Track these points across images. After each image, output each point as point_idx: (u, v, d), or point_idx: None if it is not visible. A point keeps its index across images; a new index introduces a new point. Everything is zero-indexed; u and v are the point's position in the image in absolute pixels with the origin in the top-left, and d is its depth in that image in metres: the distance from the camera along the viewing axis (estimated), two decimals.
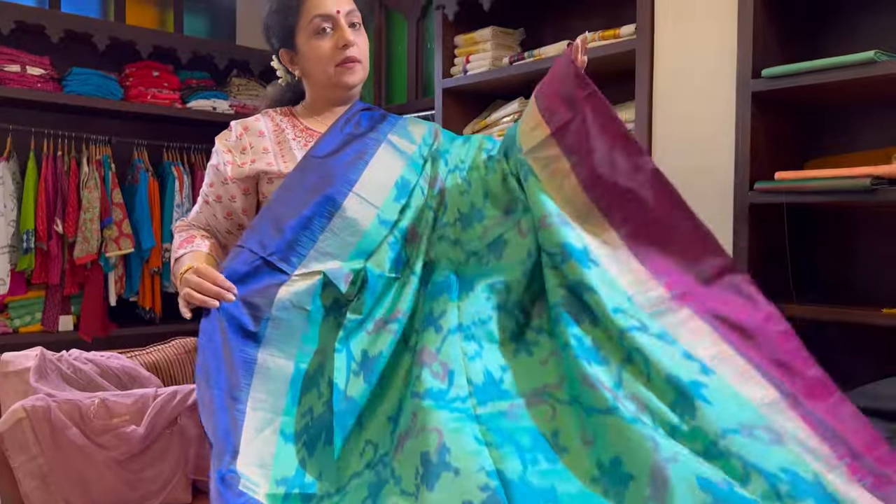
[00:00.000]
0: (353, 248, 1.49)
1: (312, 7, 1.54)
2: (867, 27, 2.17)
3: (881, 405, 1.58)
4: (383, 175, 1.55)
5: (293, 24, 1.57)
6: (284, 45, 1.61)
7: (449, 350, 1.31)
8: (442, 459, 1.10)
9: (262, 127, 1.62)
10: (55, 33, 3.44)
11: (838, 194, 1.93)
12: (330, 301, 1.42)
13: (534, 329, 1.38)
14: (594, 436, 1.15)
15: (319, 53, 1.56)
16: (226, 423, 1.26)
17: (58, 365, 1.88)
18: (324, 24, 1.54)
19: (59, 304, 3.50)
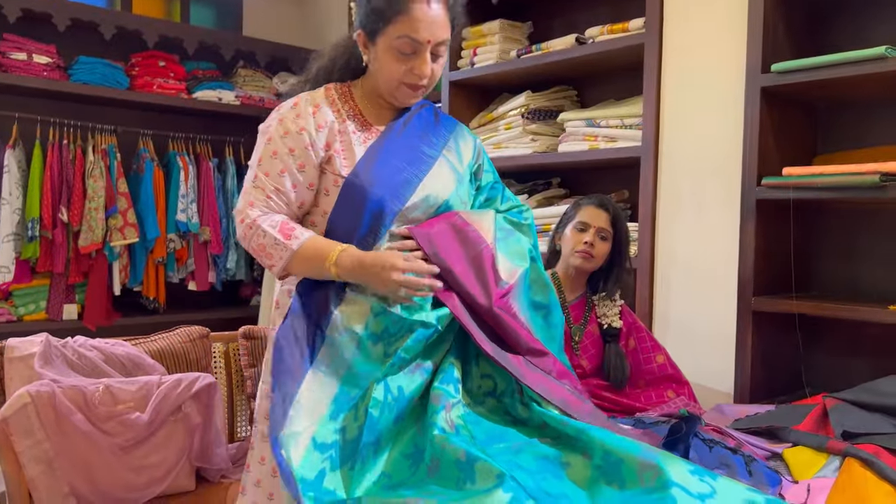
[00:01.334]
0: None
1: (408, 26, 1.42)
2: (878, 22, 2.16)
3: (884, 401, 1.58)
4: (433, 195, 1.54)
5: (385, 24, 1.44)
6: (366, 30, 1.49)
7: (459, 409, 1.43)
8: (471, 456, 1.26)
9: (328, 116, 1.51)
10: (62, 22, 3.44)
11: (847, 190, 1.92)
12: (380, 329, 1.45)
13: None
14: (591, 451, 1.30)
15: (391, 69, 1.47)
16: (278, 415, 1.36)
17: (63, 351, 1.88)
18: (407, 48, 1.44)
19: (63, 293, 3.50)
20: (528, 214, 1.68)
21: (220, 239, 3.88)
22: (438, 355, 1.50)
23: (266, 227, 1.42)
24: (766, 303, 2.11)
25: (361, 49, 1.53)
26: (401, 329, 1.44)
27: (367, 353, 1.42)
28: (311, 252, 1.41)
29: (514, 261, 1.58)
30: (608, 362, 2.04)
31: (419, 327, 1.44)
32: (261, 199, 1.46)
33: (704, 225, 2.35)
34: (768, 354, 2.19)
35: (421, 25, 1.42)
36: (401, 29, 1.43)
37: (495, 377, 1.53)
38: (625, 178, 2.71)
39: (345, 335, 1.41)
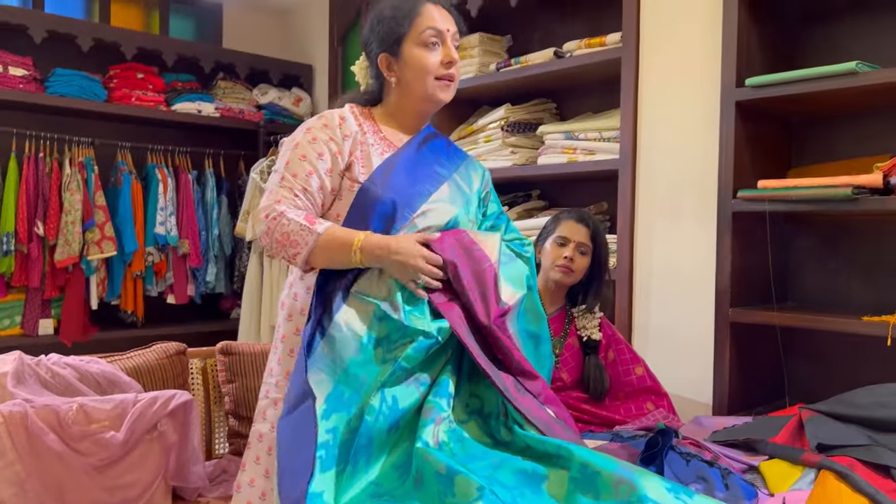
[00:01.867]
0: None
1: (427, 19, 1.59)
2: (849, 38, 2.19)
3: (859, 413, 1.59)
4: (442, 212, 1.61)
5: (405, 32, 1.59)
6: (388, 49, 1.61)
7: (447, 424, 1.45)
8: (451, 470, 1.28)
9: (352, 127, 1.60)
10: (38, 34, 3.41)
11: (820, 203, 1.95)
12: (383, 334, 1.47)
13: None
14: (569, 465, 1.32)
15: (425, 63, 1.59)
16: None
17: (36, 370, 1.85)
18: (434, 37, 1.59)
19: (39, 308, 3.46)
20: (529, 248, 1.75)
21: (199, 252, 3.85)
22: (436, 368, 1.51)
23: (291, 216, 1.46)
24: (743, 314, 2.13)
25: (385, 72, 1.63)
26: (402, 336, 1.45)
27: (365, 356, 1.43)
28: (335, 236, 1.45)
29: (514, 286, 1.63)
30: (588, 375, 2.05)
31: (420, 336, 1.45)
32: (288, 197, 1.50)
33: (682, 237, 2.37)
34: (746, 365, 2.20)
35: (437, 16, 1.60)
36: (423, 23, 1.58)
37: (483, 397, 1.54)
38: (604, 190, 2.73)
39: (346, 334, 1.42)
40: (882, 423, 1.55)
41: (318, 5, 4.22)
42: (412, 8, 1.60)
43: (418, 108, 1.66)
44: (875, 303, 2.11)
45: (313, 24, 4.27)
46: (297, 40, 4.42)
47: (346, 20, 4.01)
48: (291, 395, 1.40)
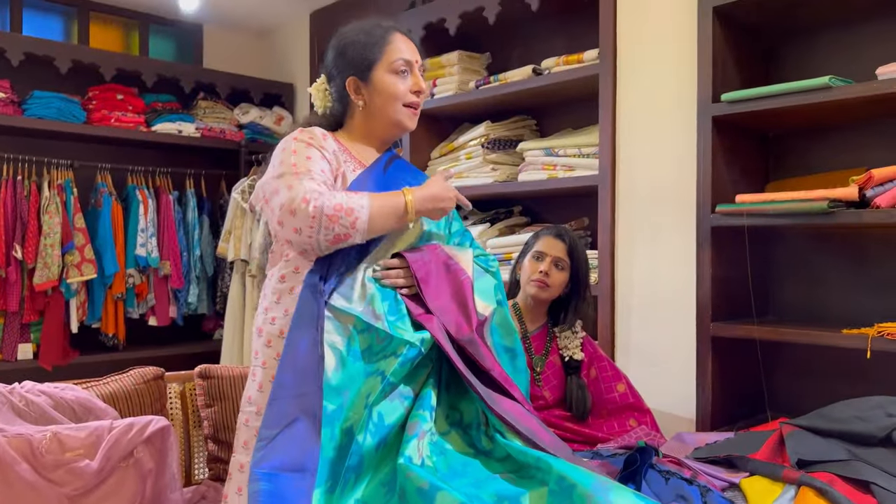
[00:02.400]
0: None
1: (397, 50, 1.64)
2: (822, 53, 2.22)
3: (838, 427, 1.59)
4: (415, 227, 1.66)
5: (376, 58, 1.63)
6: (357, 74, 1.64)
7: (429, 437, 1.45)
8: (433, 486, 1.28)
9: (333, 144, 1.62)
10: (15, 56, 3.39)
11: (798, 217, 1.96)
12: (364, 346, 1.46)
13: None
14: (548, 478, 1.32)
15: (396, 90, 1.63)
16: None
17: (9, 398, 1.81)
18: (403, 65, 1.64)
19: (17, 332, 3.41)
20: (494, 263, 1.77)
21: (180, 273, 3.82)
22: (419, 381, 1.51)
23: (332, 193, 1.45)
24: (724, 328, 2.13)
25: (353, 96, 1.66)
26: (386, 347, 1.45)
27: (346, 369, 1.42)
28: (382, 197, 1.49)
29: (485, 299, 1.66)
30: (570, 395, 2.04)
31: (405, 348, 1.44)
32: (313, 184, 1.46)
33: (662, 252, 2.37)
34: (728, 379, 2.20)
35: (405, 47, 1.66)
36: (394, 53, 1.64)
37: (462, 409, 1.54)
38: (585, 206, 2.73)
39: (327, 350, 1.41)
40: (861, 438, 1.55)
41: (298, 24, 4.22)
42: (382, 36, 1.64)
43: (383, 133, 1.69)
44: (854, 315, 2.11)
45: (294, 43, 4.28)
46: (277, 59, 4.43)
47: (326, 38, 4.00)
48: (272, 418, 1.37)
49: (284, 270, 1.54)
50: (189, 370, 2.22)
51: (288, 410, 1.37)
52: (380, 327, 1.45)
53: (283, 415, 1.36)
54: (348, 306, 1.47)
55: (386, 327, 1.45)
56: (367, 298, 1.49)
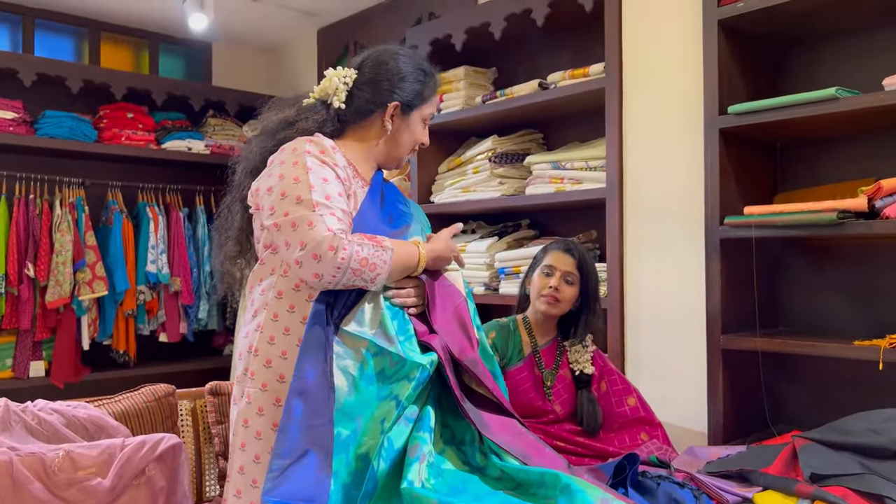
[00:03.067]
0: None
1: (435, 104, 1.77)
2: (828, 64, 2.22)
3: (852, 440, 1.58)
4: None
5: (423, 101, 1.70)
6: (404, 103, 1.67)
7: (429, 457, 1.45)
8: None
9: (341, 159, 1.58)
10: (28, 77, 3.43)
11: (806, 228, 1.95)
12: (377, 369, 1.45)
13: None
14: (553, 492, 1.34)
15: (419, 137, 1.73)
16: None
17: (22, 416, 1.83)
18: (427, 120, 1.75)
19: (29, 350, 3.44)
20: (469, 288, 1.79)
21: (191, 289, 3.84)
22: (421, 401, 1.51)
23: (359, 241, 1.43)
24: (735, 341, 2.12)
25: (386, 119, 1.66)
26: (399, 370, 1.44)
27: (359, 394, 1.41)
28: (401, 251, 1.51)
29: (475, 321, 1.68)
30: (581, 409, 2.03)
31: (417, 371, 1.44)
32: (336, 224, 1.43)
33: (671, 265, 2.37)
34: (740, 392, 2.19)
35: (435, 105, 1.78)
36: (432, 107, 1.75)
37: (453, 427, 1.54)
38: (593, 219, 2.74)
39: (339, 376, 1.40)
40: (875, 451, 1.54)
41: (305, 41, 4.26)
42: (434, 86, 1.75)
43: (385, 161, 1.72)
44: (866, 326, 2.10)
45: (301, 60, 4.31)
46: (285, 76, 4.46)
47: (333, 55, 4.05)
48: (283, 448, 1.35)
49: (283, 287, 1.50)
50: (199, 386, 2.23)
51: (299, 443, 1.35)
52: (393, 351, 1.44)
53: (295, 447, 1.34)
54: (360, 330, 1.45)
55: (400, 350, 1.44)
56: (379, 321, 1.47)
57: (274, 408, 1.45)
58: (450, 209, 2.99)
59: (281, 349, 1.47)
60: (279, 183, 1.47)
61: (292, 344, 1.46)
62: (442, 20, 3.03)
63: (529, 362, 2.06)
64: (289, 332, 1.47)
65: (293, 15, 3.95)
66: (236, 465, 1.51)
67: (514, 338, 2.10)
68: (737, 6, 2.07)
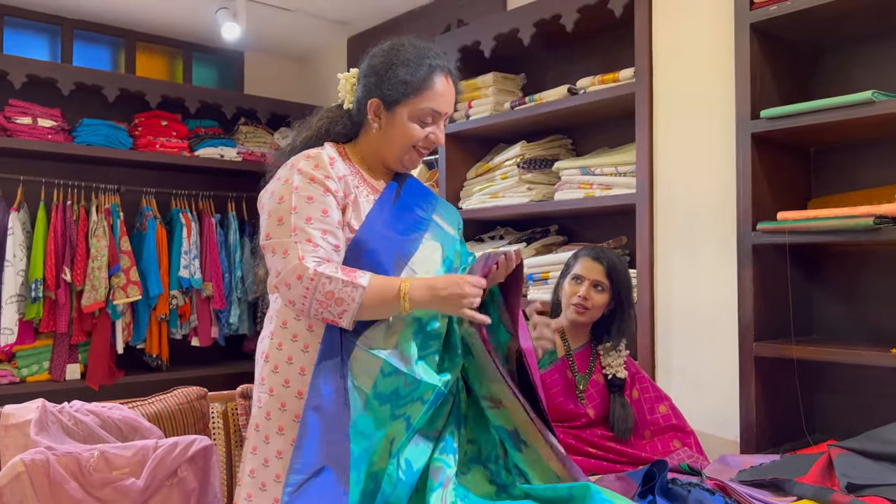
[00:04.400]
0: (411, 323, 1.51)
1: (432, 99, 1.56)
2: (864, 67, 2.18)
3: (890, 450, 1.54)
4: (432, 253, 1.59)
5: (409, 96, 1.55)
6: (384, 99, 1.57)
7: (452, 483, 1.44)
8: None
9: (342, 169, 1.55)
10: (66, 86, 3.52)
11: (842, 234, 1.92)
12: (389, 389, 1.44)
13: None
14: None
15: (410, 134, 1.56)
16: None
17: (59, 417, 1.87)
18: (428, 117, 1.57)
19: (66, 353, 3.51)
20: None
21: (222, 294, 3.89)
22: (440, 421, 1.50)
23: (327, 272, 1.38)
24: (768, 348, 2.09)
25: (371, 116, 1.59)
26: (413, 391, 1.43)
27: (372, 412, 1.40)
28: (379, 286, 1.40)
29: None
30: (613, 413, 2.02)
31: (431, 393, 1.43)
32: (309, 251, 1.41)
33: (702, 271, 2.34)
34: (772, 400, 2.15)
35: (442, 100, 1.58)
36: (427, 102, 1.55)
37: (480, 441, 1.53)
38: (622, 224, 2.72)
39: (353, 392, 1.40)
40: None
41: (335, 50, 4.31)
42: (426, 77, 1.56)
43: (383, 161, 1.63)
44: None
45: (332, 68, 4.36)
46: (316, 84, 4.51)
47: None
48: (299, 463, 1.34)
49: None
50: (230, 390, 2.25)
51: (316, 458, 1.34)
52: (407, 371, 1.42)
53: (311, 462, 1.34)
54: (375, 349, 1.44)
55: (414, 372, 1.43)
56: (396, 341, 1.45)
57: (280, 412, 1.46)
58: (478, 215, 3.00)
59: (287, 354, 1.48)
60: (269, 200, 1.50)
61: (298, 349, 1.48)
62: (471, 27, 3.05)
63: (562, 365, 2.06)
64: (296, 339, 1.48)
65: (324, 24, 4.00)
66: (247, 469, 1.52)
67: None
68: (769, 9, 2.05)
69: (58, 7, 3.74)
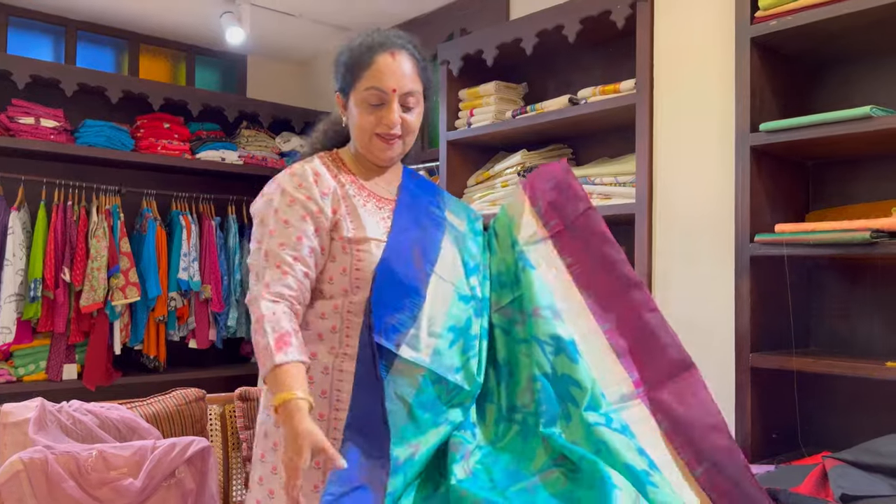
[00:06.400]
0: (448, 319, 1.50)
1: (373, 77, 1.50)
2: (863, 81, 2.20)
3: (884, 461, 1.56)
4: (452, 254, 1.58)
5: (352, 83, 1.52)
6: (340, 91, 1.57)
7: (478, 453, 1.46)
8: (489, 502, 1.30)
9: (329, 183, 1.52)
10: (69, 87, 3.53)
11: (839, 247, 1.93)
12: (431, 398, 1.44)
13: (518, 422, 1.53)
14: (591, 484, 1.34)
15: (362, 122, 1.52)
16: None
17: (57, 416, 1.87)
18: (374, 98, 1.50)
19: (63, 353, 3.51)
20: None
21: (220, 297, 3.89)
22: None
23: (267, 326, 1.35)
24: (764, 359, 2.10)
25: (341, 112, 1.60)
26: (453, 398, 1.45)
27: (415, 421, 1.40)
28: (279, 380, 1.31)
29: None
30: None
31: (470, 399, 1.46)
32: (276, 278, 1.40)
33: (700, 281, 2.36)
34: (768, 412, 2.17)
35: (384, 76, 1.50)
36: (368, 81, 1.50)
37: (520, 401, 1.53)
38: (621, 234, 2.71)
39: (396, 403, 1.39)
40: None
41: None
42: (362, 58, 1.51)
43: (365, 157, 1.59)
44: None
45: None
46: (318, 89, 4.53)
47: None
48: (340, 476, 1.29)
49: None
50: (228, 392, 2.26)
51: (354, 477, 1.31)
52: (450, 379, 1.44)
53: (349, 479, 1.30)
54: (417, 356, 1.43)
55: (456, 378, 1.45)
56: (434, 350, 1.45)
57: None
58: None
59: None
60: (255, 218, 1.52)
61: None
62: (474, 36, 3.07)
63: None
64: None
65: (327, 30, 4.02)
66: (256, 476, 1.52)
67: None
68: (770, 24, 2.07)
69: (62, 8, 3.76)
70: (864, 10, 1.89)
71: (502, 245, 1.69)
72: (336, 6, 3.68)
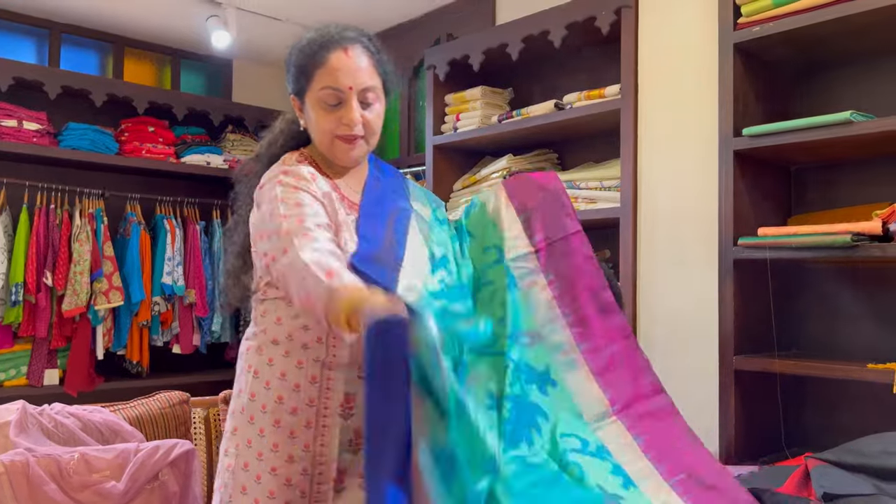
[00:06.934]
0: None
1: (327, 76, 1.44)
2: (845, 87, 2.24)
3: (865, 461, 1.57)
4: (420, 250, 1.52)
5: (306, 83, 1.48)
6: (297, 94, 1.51)
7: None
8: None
9: (324, 186, 1.47)
10: (53, 89, 3.50)
11: (820, 250, 1.96)
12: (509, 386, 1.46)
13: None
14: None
15: (321, 124, 1.47)
16: None
17: (39, 419, 1.85)
18: (331, 98, 1.45)
19: (45, 358, 3.47)
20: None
21: (205, 301, 3.87)
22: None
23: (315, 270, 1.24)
24: (748, 362, 2.12)
25: (298, 115, 1.54)
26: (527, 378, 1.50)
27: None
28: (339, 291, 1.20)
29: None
30: None
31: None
32: (307, 241, 1.29)
33: (684, 285, 2.38)
34: (752, 413, 2.18)
35: (339, 73, 1.44)
36: (322, 80, 1.45)
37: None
38: (607, 238, 2.75)
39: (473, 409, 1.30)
40: (889, 472, 1.53)
41: None
42: (315, 57, 1.46)
43: (330, 156, 1.53)
44: (880, 349, 2.09)
45: None
46: None
47: None
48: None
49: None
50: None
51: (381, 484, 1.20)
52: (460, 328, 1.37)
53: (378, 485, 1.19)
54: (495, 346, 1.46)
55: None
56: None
57: (274, 429, 1.44)
58: None
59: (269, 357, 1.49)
60: (261, 217, 1.43)
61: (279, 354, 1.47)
62: (460, 41, 3.08)
63: None
64: (277, 343, 1.49)
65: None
66: (240, 463, 1.47)
67: None
68: (753, 30, 2.10)
69: (46, 10, 3.74)
70: (846, 16, 1.92)
71: (479, 247, 1.65)
72: (322, 11, 3.68)
